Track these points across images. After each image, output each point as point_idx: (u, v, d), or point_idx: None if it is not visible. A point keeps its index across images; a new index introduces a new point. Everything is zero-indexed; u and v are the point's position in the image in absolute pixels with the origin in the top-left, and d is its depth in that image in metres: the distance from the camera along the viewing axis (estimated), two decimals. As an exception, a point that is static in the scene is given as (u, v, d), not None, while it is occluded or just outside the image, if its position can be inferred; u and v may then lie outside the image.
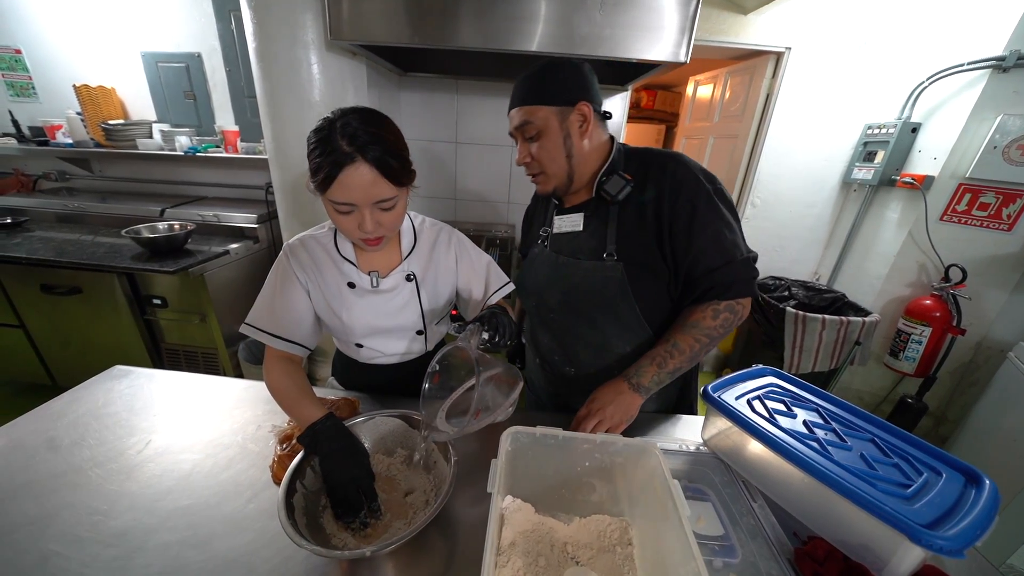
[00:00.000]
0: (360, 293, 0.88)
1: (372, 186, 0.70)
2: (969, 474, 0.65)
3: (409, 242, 0.92)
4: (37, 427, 0.85)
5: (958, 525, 0.55)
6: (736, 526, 0.69)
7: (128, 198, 2.40)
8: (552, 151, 0.85)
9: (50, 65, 2.34)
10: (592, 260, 0.89)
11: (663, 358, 0.83)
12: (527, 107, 0.84)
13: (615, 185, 0.85)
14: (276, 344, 0.82)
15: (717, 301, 0.83)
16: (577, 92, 0.83)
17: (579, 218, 0.93)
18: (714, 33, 2.12)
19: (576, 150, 0.86)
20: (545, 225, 1.01)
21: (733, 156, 2.50)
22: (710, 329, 0.83)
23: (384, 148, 0.70)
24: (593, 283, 0.88)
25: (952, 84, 1.90)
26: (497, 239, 2.28)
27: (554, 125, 0.83)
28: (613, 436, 0.65)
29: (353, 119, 0.69)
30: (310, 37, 1.46)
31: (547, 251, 0.98)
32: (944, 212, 1.96)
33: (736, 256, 0.82)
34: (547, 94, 0.83)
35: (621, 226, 0.87)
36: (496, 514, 0.55)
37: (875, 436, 0.74)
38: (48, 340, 2.03)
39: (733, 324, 0.84)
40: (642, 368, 0.83)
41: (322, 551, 0.56)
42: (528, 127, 0.84)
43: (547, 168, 0.87)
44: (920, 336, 2.01)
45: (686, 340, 0.83)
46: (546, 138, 0.84)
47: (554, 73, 0.83)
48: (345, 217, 0.73)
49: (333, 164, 0.67)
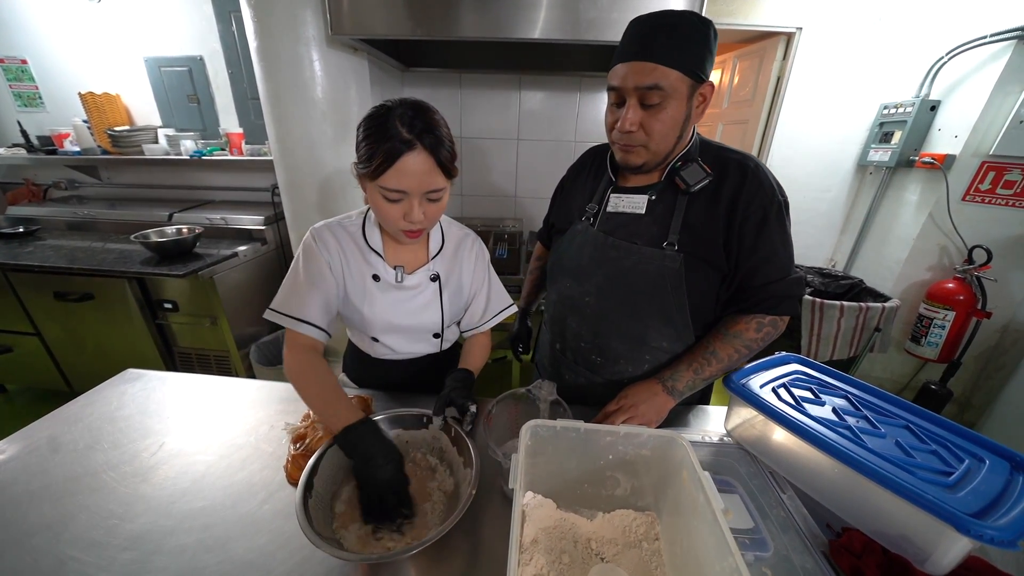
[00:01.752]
0: (384, 288, 0.87)
1: (427, 175, 0.70)
2: (1015, 460, 0.62)
3: (437, 243, 0.91)
4: (51, 431, 0.84)
5: (1008, 514, 0.52)
6: (766, 518, 0.67)
7: (136, 204, 2.41)
8: (669, 126, 0.74)
9: (56, 74, 2.35)
10: (651, 247, 0.83)
11: (700, 364, 0.81)
12: (662, 67, 0.69)
13: (694, 175, 0.79)
14: (300, 328, 0.79)
15: (764, 315, 0.81)
16: (709, 66, 0.73)
17: (643, 200, 0.85)
18: (722, 15, 2.06)
19: (686, 131, 0.79)
20: (592, 202, 0.93)
21: (744, 142, 2.45)
22: (751, 341, 0.81)
23: (439, 138, 0.70)
24: (648, 271, 0.83)
25: (973, 58, 1.83)
26: (505, 234, 2.26)
27: (682, 97, 0.72)
28: (638, 428, 0.62)
29: (410, 107, 0.69)
30: (311, 33, 1.44)
31: (594, 230, 0.90)
32: (966, 192, 1.89)
33: (791, 273, 0.81)
34: (686, 58, 0.69)
35: (688, 217, 0.81)
36: (519, 511, 0.53)
37: (909, 422, 0.70)
38: (63, 347, 2.05)
39: (771, 339, 0.83)
40: (679, 372, 0.82)
41: (344, 555, 0.55)
42: (653, 93, 0.70)
43: (654, 143, 0.76)
44: (943, 320, 1.95)
45: (725, 349, 0.81)
46: (668, 110, 0.72)
47: (700, 34, 0.70)
48: (393, 205, 0.72)
49: (391, 150, 0.67)
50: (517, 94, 2.23)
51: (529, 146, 2.34)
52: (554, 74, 2.14)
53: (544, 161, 2.36)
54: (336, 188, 1.68)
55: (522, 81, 2.21)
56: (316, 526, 0.58)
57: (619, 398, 0.82)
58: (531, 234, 2.43)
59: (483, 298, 0.97)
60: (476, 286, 0.96)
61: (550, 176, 2.54)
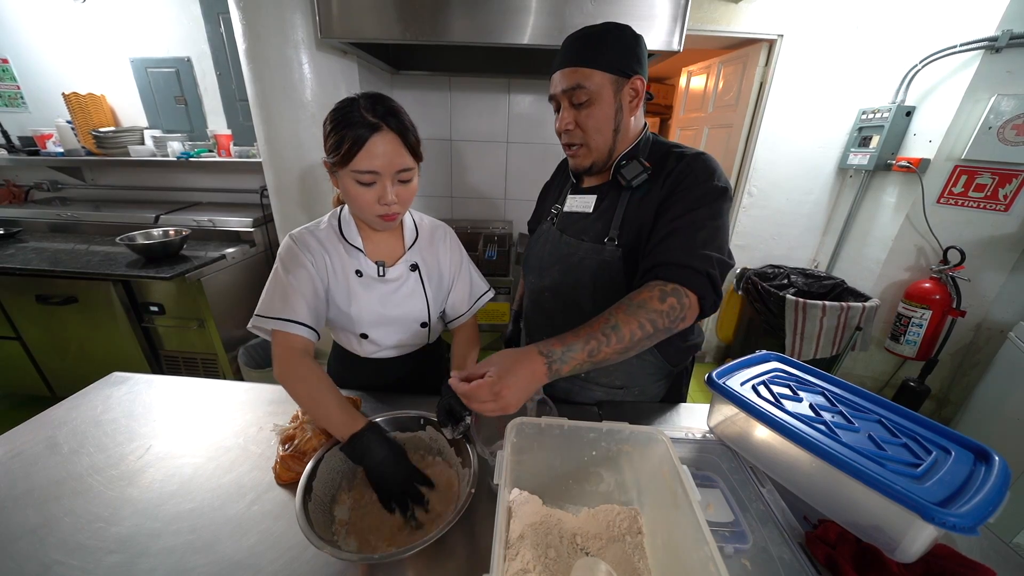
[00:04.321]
0: (367, 283, 0.88)
1: (396, 155, 0.74)
2: (978, 451, 0.65)
3: (411, 234, 0.94)
4: (36, 435, 0.83)
5: (970, 502, 0.55)
6: (746, 512, 0.69)
7: (122, 206, 2.38)
8: (601, 121, 0.80)
9: (38, 74, 2.31)
10: (594, 243, 0.86)
11: (597, 344, 0.65)
12: (582, 69, 0.77)
13: (632, 170, 0.82)
14: (291, 329, 0.79)
15: (664, 283, 0.70)
16: (634, 63, 0.78)
17: (591, 200, 0.90)
18: (706, 22, 2.11)
19: (623, 125, 0.82)
20: (557, 203, 0.99)
21: (728, 145, 2.50)
22: (655, 314, 0.67)
23: (403, 121, 0.75)
24: (590, 266, 0.86)
25: (945, 66, 1.90)
26: (495, 236, 2.27)
27: (608, 94, 0.78)
28: (620, 424, 0.64)
29: (370, 97, 0.74)
30: (300, 36, 1.45)
31: (553, 229, 0.96)
32: (941, 195, 1.96)
33: (705, 250, 0.72)
34: (605, 59, 0.76)
35: (628, 212, 0.84)
36: (504, 507, 0.54)
37: (883, 417, 0.73)
38: (45, 351, 2.01)
39: (677, 319, 0.69)
40: (571, 352, 0.64)
41: (343, 555, 0.56)
42: (579, 92, 0.77)
43: (591, 139, 0.82)
44: (920, 319, 2.01)
45: (628, 324, 0.66)
46: (597, 106, 0.78)
47: (616, 37, 0.77)
48: (367, 189, 0.75)
49: (359, 135, 0.71)
50: (506, 97, 2.26)
51: (518, 149, 2.37)
52: (542, 78, 2.17)
53: (533, 164, 2.38)
54: (325, 190, 1.68)
55: (511, 85, 2.23)
56: (316, 527, 0.59)
57: (487, 363, 0.64)
58: (521, 236, 2.45)
59: (465, 283, 1.00)
60: (454, 271, 0.99)
61: (539, 179, 2.55)
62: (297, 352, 0.79)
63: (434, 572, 0.61)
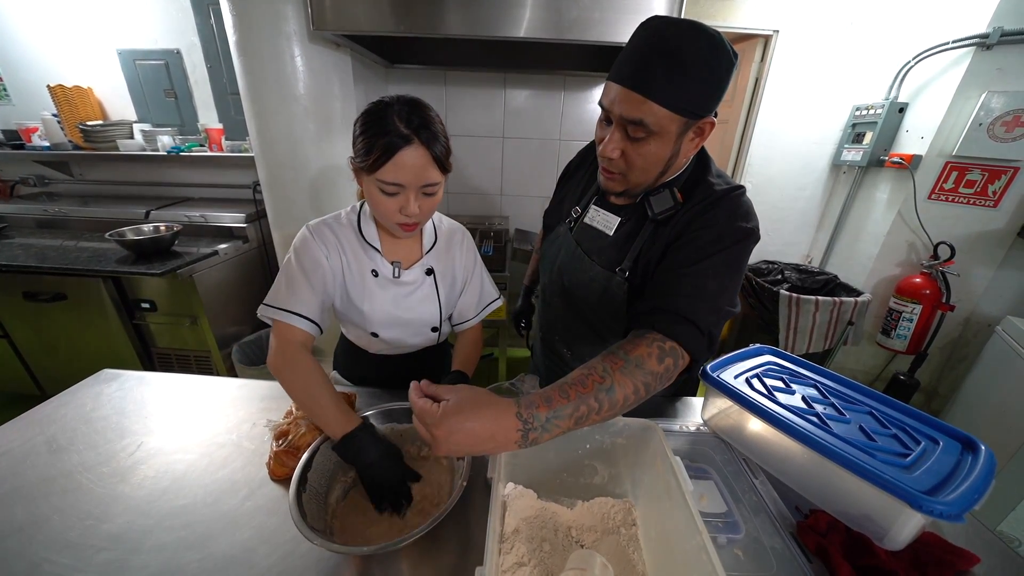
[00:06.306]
0: (382, 283, 0.88)
1: (423, 169, 0.72)
2: (965, 441, 0.66)
3: (430, 238, 0.93)
4: (24, 433, 0.82)
5: (956, 490, 0.56)
6: (739, 503, 0.69)
7: (111, 201, 2.34)
8: (651, 161, 0.69)
9: (22, 65, 2.26)
10: (605, 268, 0.82)
11: (588, 409, 0.53)
12: (651, 104, 0.62)
13: (661, 202, 0.74)
14: (292, 321, 0.78)
15: (663, 339, 0.61)
16: (713, 102, 0.64)
17: (614, 222, 0.83)
18: (702, 17, 2.10)
19: (674, 163, 0.72)
20: (577, 205, 0.92)
21: (724, 141, 2.51)
22: (652, 376, 0.58)
23: (435, 133, 0.72)
24: (596, 289, 0.84)
25: (937, 63, 1.91)
26: (491, 232, 2.26)
27: (671, 133, 0.65)
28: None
29: (407, 104, 0.72)
30: (292, 28, 1.43)
31: (569, 237, 0.91)
32: (932, 191, 1.98)
33: (710, 304, 0.65)
34: (685, 98, 0.62)
35: (646, 245, 0.77)
36: (498, 501, 0.54)
37: (873, 409, 0.74)
38: (34, 349, 1.98)
39: (667, 381, 0.61)
40: (558, 417, 0.52)
41: (336, 547, 0.55)
42: (639, 128, 0.64)
43: (634, 175, 0.72)
44: (911, 314, 2.03)
45: (624, 387, 0.56)
46: (653, 145, 0.66)
47: (709, 68, 0.61)
48: (390, 199, 0.74)
49: (389, 145, 0.68)
50: (502, 92, 2.24)
51: (514, 144, 2.35)
52: (539, 72, 2.16)
53: (529, 159, 2.37)
54: (319, 185, 1.67)
55: (507, 79, 2.22)
56: (310, 520, 0.59)
57: (455, 390, 0.52)
58: (517, 231, 2.44)
59: (475, 289, 0.99)
60: (467, 275, 0.98)
61: (535, 174, 2.57)
62: (295, 345, 0.78)
63: (428, 566, 0.61)
